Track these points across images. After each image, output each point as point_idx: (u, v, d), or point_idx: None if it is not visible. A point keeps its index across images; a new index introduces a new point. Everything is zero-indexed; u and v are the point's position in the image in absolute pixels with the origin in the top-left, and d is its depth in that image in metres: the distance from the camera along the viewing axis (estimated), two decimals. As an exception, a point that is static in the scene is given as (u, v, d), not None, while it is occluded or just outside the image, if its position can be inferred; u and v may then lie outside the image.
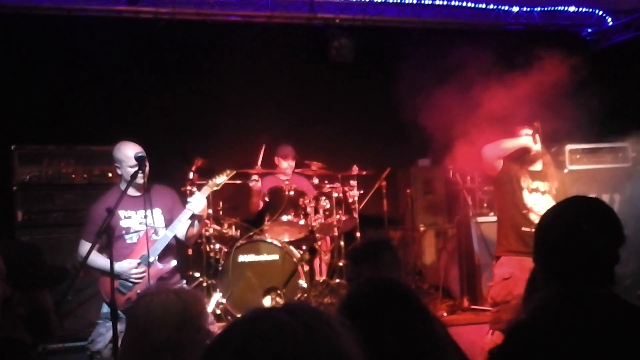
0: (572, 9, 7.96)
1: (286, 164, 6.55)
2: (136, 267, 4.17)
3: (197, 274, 6.21)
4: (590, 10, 8.03)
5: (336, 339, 1.07)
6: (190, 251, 6.15)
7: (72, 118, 6.76)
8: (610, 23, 8.08)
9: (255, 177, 6.29)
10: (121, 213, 4.19)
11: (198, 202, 4.33)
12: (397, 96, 6.19)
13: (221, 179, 4.58)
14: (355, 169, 6.49)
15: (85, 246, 4.09)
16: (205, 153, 6.39)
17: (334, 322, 1.10)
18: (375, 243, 3.20)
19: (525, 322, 2.00)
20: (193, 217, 4.33)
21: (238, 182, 6.15)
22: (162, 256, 4.25)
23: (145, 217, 4.20)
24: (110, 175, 5.88)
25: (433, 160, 7.66)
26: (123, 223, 4.22)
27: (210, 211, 5.89)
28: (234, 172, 4.72)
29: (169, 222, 4.32)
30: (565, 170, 6.09)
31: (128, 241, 4.24)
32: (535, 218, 4.69)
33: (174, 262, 4.33)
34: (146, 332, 2.08)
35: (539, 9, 7.90)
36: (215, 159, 6.37)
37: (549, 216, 2.18)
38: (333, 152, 7.14)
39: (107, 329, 3.97)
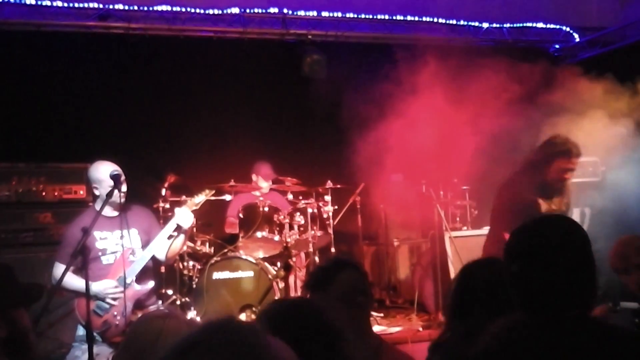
0: (540, 25, 8.13)
1: (266, 184, 6.53)
2: (114, 287, 4.08)
3: (170, 292, 6.12)
4: (558, 27, 8.20)
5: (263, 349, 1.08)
6: (163, 269, 6.06)
7: (43, 135, 6.66)
8: (577, 39, 8.25)
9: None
10: (97, 234, 4.11)
11: (185, 215, 4.28)
12: (369, 111, 6.23)
13: (200, 199, 4.53)
14: (329, 184, 6.50)
15: (59, 268, 4.00)
16: (178, 169, 6.33)
17: (261, 334, 1.11)
18: (330, 266, 2.73)
19: (488, 347, 1.95)
20: (178, 231, 4.26)
21: (212, 198, 6.11)
22: (140, 277, 4.17)
23: (122, 237, 4.13)
24: (82, 193, 5.79)
25: (406, 175, 7.69)
26: (99, 244, 4.14)
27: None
28: (213, 191, 4.67)
29: (145, 243, 4.25)
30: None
31: (105, 262, 4.16)
32: None
33: (151, 283, 4.26)
34: (154, 354, 2.00)
35: (508, 25, 8.04)
36: (188, 175, 6.33)
37: (513, 242, 2.06)
38: (307, 167, 7.13)
39: (83, 351, 3.88)
